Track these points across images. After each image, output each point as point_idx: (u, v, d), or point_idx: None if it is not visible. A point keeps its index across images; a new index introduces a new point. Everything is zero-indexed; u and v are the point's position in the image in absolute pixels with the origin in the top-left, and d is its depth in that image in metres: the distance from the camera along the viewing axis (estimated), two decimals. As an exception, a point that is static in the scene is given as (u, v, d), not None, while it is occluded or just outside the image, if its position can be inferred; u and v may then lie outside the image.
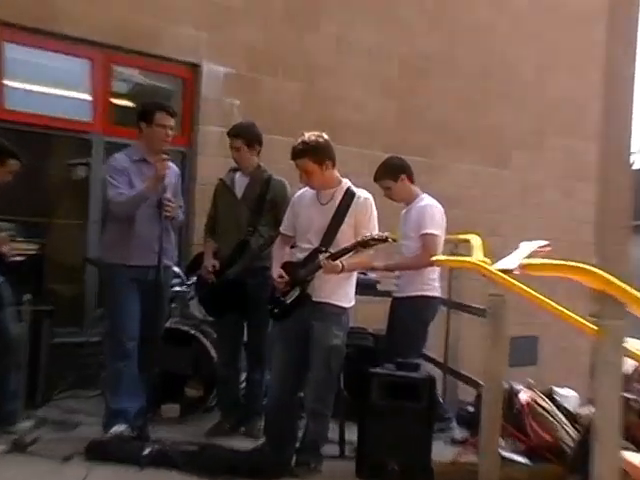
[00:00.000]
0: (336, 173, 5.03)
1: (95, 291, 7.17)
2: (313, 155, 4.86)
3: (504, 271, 4.48)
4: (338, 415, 5.44)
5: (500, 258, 4.72)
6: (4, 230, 5.33)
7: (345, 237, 4.85)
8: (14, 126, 6.64)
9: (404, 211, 6.03)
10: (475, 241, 5.94)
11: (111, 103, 7.33)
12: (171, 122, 5.46)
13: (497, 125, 10.01)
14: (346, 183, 5.03)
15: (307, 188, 5.11)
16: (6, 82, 6.69)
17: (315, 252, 4.88)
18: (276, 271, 5.04)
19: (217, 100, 7.70)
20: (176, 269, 6.34)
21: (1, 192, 5.37)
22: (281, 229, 5.27)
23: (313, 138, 4.88)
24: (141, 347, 5.38)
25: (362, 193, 4.99)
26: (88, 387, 6.78)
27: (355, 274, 5.10)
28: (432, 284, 5.87)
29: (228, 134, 5.89)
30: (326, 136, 4.96)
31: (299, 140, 4.89)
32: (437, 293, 5.92)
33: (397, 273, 5.97)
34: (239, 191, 5.88)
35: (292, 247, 5.37)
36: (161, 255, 5.15)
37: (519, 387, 5.76)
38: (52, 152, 7.37)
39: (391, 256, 6.02)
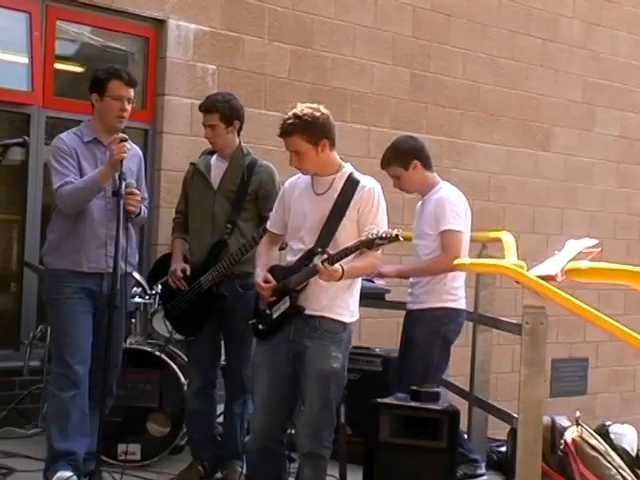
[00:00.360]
0: (335, 156, 5.03)
1: (35, 303, 7.17)
2: (306, 132, 4.85)
3: (544, 277, 4.49)
4: (338, 456, 5.44)
5: (539, 261, 4.74)
6: None
7: (346, 235, 4.84)
8: None
9: (419, 204, 6.04)
10: (508, 240, 5.95)
11: (55, 69, 7.32)
12: (129, 93, 5.44)
13: (535, 96, 10.03)
14: (348, 169, 5.03)
15: (300, 175, 5.11)
16: None
17: (309, 254, 4.87)
18: (261, 275, 5.02)
19: (187, 65, 7.70)
20: (137, 276, 6.34)
21: None
22: (268, 226, 5.27)
23: (308, 111, 4.88)
24: (93, 373, 5.35)
25: (367, 181, 4.98)
26: (25, 424, 6.79)
27: (359, 281, 5.09)
28: (455, 293, 5.88)
29: (200, 108, 5.90)
30: (324, 109, 4.96)
31: (290, 113, 4.89)
32: (461, 305, 5.92)
33: (412, 280, 5.98)
34: (215, 179, 5.89)
35: (281, 249, 5.39)
36: (118, 259, 5.10)
37: (564, 422, 5.78)
38: (-21, 130, 7.38)
39: (404, 259, 6.04)
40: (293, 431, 5.10)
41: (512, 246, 5.81)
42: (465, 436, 6.26)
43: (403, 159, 5.88)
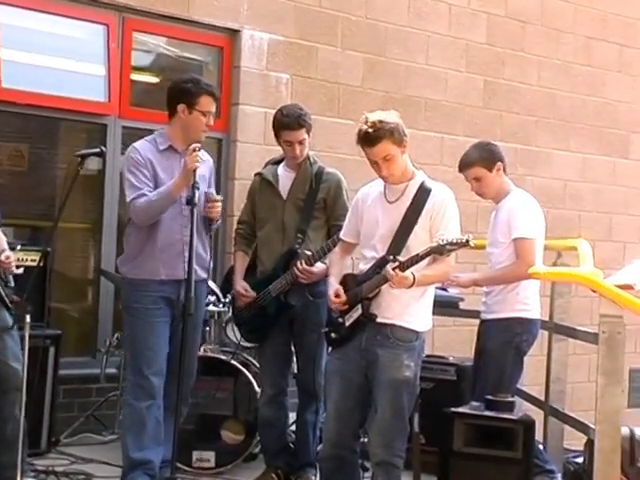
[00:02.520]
0: (410, 163, 5.00)
1: (112, 312, 7.25)
2: (393, 136, 4.79)
3: (622, 286, 4.43)
4: (412, 466, 5.41)
5: (616, 270, 4.67)
6: None
7: (418, 243, 4.80)
8: (11, 108, 6.75)
9: (494, 213, 5.98)
10: (584, 248, 5.87)
11: (131, 80, 7.42)
12: (214, 108, 5.50)
13: (611, 102, 9.91)
14: (421, 176, 5.00)
15: (372, 184, 5.08)
16: (2, 55, 6.78)
17: (381, 262, 4.84)
18: (332, 288, 5.02)
19: (260, 74, 7.74)
20: (211, 284, 6.37)
21: None
22: (341, 235, 5.26)
23: (386, 116, 4.84)
24: (168, 381, 5.37)
25: (440, 189, 4.94)
26: (102, 431, 6.87)
27: (432, 290, 5.05)
28: (529, 303, 5.82)
29: (287, 126, 5.75)
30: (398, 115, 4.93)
31: (369, 122, 4.82)
32: (535, 314, 5.86)
33: (485, 290, 5.93)
34: (284, 189, 5.89)
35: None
36: (192, 266, 5.05)
37: (642, 433, 5.69)
38: (58, 140, 7.49)
39: (478, 268, 6.00)
40: (366, 440, 5.08)
41: (588, 254, 5.74)
42: (541, 446, 6.18)
43: (489, 160, 5.81)
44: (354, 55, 8.20)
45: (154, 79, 7.80)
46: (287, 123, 5.78)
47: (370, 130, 4.77)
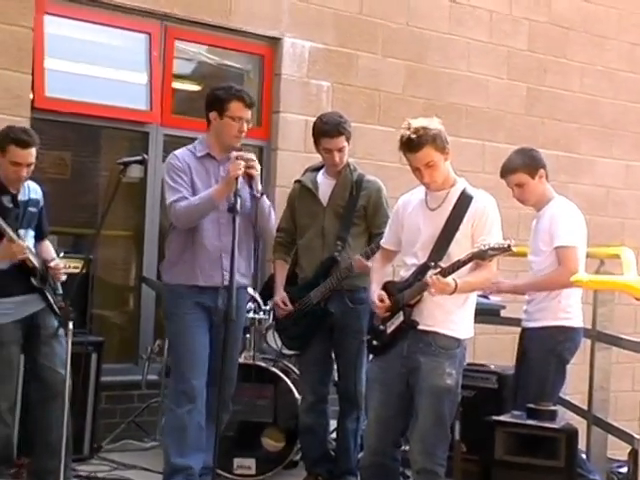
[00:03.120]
0: (451, 170, 4.99)
1: (153, 318, 7.30)
2: (436, 142, 4.78)
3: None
4: (453, 474, 5.40)
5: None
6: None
7: (460, 250, 4.79)
8: (55, 117, 6.82)
9: (535, 220, 5.95)
10: (627, 256, 5.83)
11: (173, 88, 7.47)
12: (248, 114, 5.47)
13: (656, 109, 9.85)
14: (462, 183, 4.98)
15: (413, 191, 5.08)
16: (47, 64, 6.84)
17: (423, 269, 4.84)
18: (376, 293, 5.02)
19: (301, 82, 7.77)
20: (251, 291, 6.39)
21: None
22: (382, 242, 5.26)
23: (429, 122, 4.83)
24: (209, 388, 5.40)
25: (481, 196, 4.93)
26: (144, 437, 6.90)
27: (474, 298, 5.03)
28: (572, 311, 5.78)
29: (326, 134, 5.79)
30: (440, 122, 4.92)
31: (412, 128, 4.82)
32: (577, 323, 5.82)
33: (527, 298, 5.89)
34: (324, 196, 5.91)
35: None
36: (233, 271, 4.99)
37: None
38: (100, 148, 7.55)
39: (520, 275, 5.96)
40: (407, 448, 5.07)
41: (632, 262, 5.70)
42: (584, 456, 6.14)
43: (531, 167, 5.77)
44: (395, 62, 8.20)
45: (195, 87, 7.85)
46: (326, 130, 5.79)
47: (413, 136, 4.75)
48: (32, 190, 5.55)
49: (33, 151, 5.34)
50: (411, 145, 4.77)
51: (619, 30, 9.61)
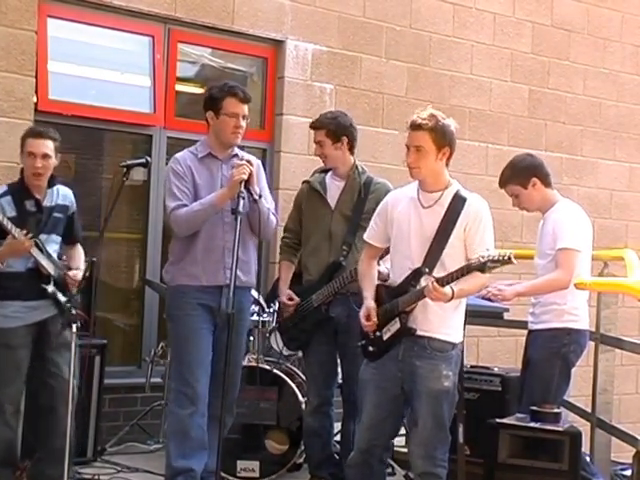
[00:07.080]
0: (447, 172, 4.96)
1: (156, 321, 7.30)
2: (436, 132, 4.77)
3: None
4: (456, 477, 5.39)
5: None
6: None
7: (454, 253, 4.76)
8: (58, 119, 6.80)
9: (541, 223, 5.95)
10: (631, 258, 5.83)
11: (176, 91, 7.47)
12: (244, 110, 5.46)
13: (660, 111, 9.84)
14: (456, 185, 4.96)
15: (401, 189, 5.02)
16: (50, 67, 6.86)
17: (416, 274, 4.81)
18: (364, 308, 4.96)
19: (304, 85, 7.77)
20: (255, 293, 6.39)
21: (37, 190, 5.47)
22: (367, 238, 5.13)
23: (443, 116, 4.83)
24: (212, 390, 5.38)
25: (475, 198, 4.89)
26: (147, 440, 6.90)
27: (464, 301, 5.02)
28: (578, 313, 5.77)
29: (310, 126, 5.94)
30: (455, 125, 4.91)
31: (426, 112, 4.82)
32: (583, 325, 5.81)
33: (533, 300, 5.89)
34: (332, 198, 5.89)
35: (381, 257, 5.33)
36: (236, 270, 4.93)
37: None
38: (104, 151, 7.55)
39: (523, 277, 5.96)
40: (408, 450, 5.06)
41: (635, 264, 5.69)
42: (587, 458, 6.14)
43: (521, 177, 5.80)
44: (398, 65, 8.21)
45: (199, 90, 7.84)
46: (311, 124, 5.95)
47: (419, 117, 4.78)
48: (61, 196, 5.59)
49: (48, 143, 5.41)
50: (413, 124, 4.79)
51: (622, 33, 9.61)
